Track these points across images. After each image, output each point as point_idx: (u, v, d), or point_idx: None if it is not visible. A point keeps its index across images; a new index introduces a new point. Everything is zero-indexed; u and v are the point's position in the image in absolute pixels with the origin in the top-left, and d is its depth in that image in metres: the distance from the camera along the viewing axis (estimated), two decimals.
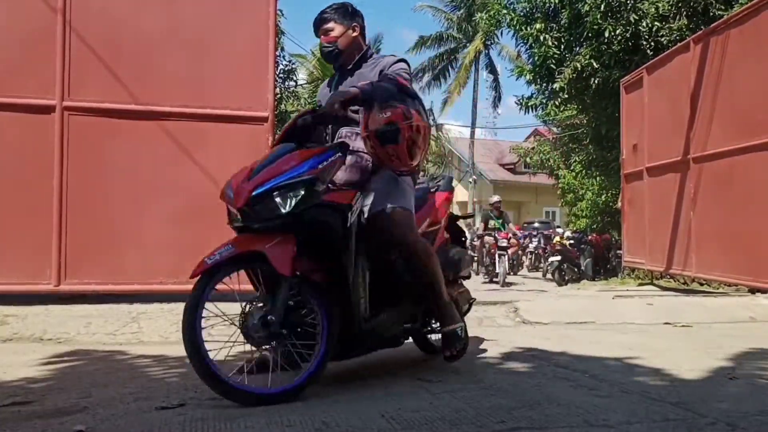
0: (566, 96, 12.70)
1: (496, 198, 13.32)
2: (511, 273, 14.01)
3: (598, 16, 11.21)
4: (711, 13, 10.55)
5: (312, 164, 2.60)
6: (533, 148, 24.37)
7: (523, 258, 18.24)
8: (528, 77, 13.21)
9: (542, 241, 17.69)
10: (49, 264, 5.21)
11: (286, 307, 2.60)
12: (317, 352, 2.65)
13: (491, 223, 13.08)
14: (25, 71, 5.25)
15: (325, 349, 2.65)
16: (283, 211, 2.52)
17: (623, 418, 2.24)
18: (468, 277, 3.62)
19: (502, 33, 14.91)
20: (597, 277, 13.91)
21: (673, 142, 7.80)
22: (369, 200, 2.85)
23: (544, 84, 13.05)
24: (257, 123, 5.58)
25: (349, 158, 2.87)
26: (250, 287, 2.83)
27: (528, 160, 25.24)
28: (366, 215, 2.81)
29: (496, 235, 12.55)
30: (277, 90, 13.10)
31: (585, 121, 15.41)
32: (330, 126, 3.08)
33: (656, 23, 10.91)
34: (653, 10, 10.88)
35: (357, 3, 3.31)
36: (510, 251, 12.73)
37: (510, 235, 12.78)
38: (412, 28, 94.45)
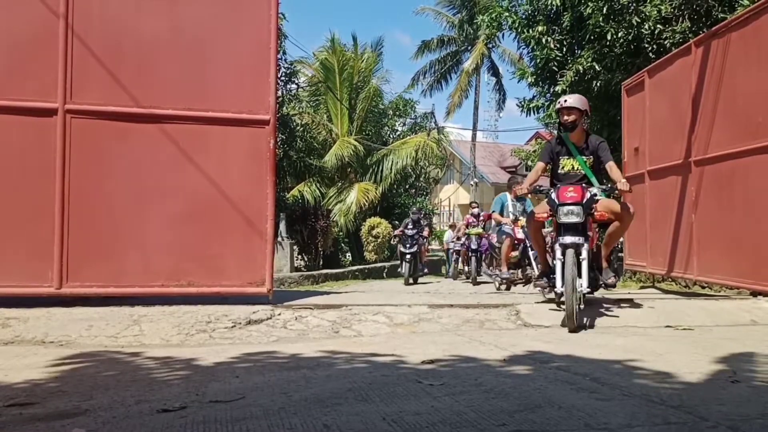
0: None
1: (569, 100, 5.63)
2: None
3: (600, 19, 11.21)
4: (713, 16, 10.55)
5: None
6: (535, 151, 24.33)
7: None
8: (529, 80, 13.21)
9: None
10: (51, 267, 5.22)
11: None
12: None
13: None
14: (27, 74, 5.26)
15: None
16: None
17: (624, 422, 2.24)
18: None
19: (503, 35, 14.84)
20: None
21: (674, 145, 7.79)
22: None
23: (546, 86, 13.05)
24: (259, 126, 5.59)
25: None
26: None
27: (529, 162, 25.20)
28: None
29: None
30: (279, 93, 13.11)
31: (587, 124, 15.39)
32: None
33: (658, 26, 10.90)
34: (655, 12, 10.88)
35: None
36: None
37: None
38: (406, 31, 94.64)
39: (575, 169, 5.54)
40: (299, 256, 18.31)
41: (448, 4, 34.89)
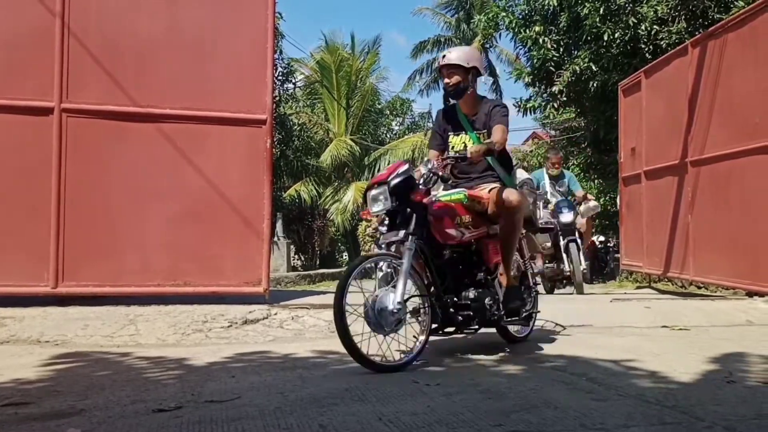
0: (565, 99, 12.71)
1: None
2: None
3: (597, 20, 11.22)
4: (710, 17, 10.57)
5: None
6: (531, 152, 24.38)
7: None
8: (526, 80, 13.22)
9: None
10: (47, 266, 5.20)
11: None
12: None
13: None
14: (23, 73, 5.25)
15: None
16: None
17: (620, 422, 2.24)
18: None
19: (500, 36, 14.86)
20: (594, 280, 13.91)
21: (670, 146, 7.80)
22: None
23: (543, 87, 13.07)
24: (256, 125, 5.58)
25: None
26: None
27: (526, 163, 25.24)
28: None
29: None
30: (276, 93, 13.08)
31: (583, 125, 15.42)
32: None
33: (655, 26, 10.92)
34: (652, 13, 10.90)
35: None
36: None
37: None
38: (404, 32, 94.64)
39: (467, 148, 3.95)
40: (296, 256, 18.30)
41: (446, 6, 34.94)
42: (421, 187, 3.54)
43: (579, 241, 8.13)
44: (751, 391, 2.76)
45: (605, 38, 11.21)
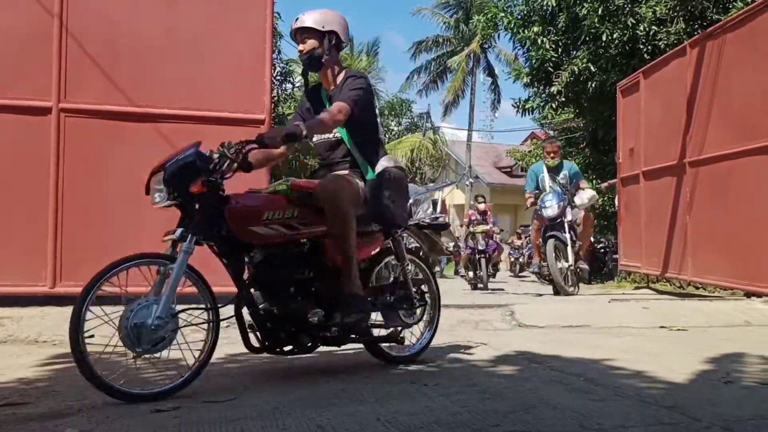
0: (563, 99, 12.73)
1: None
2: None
3: (596, 20, 11.24)
4: (708, 17, 10.59)
5: None
6: (530, 152, 24.38)
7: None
8: (525, 80, 13.24)
9: None
10: (45, 266, 5.20)
11: None
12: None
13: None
14: (21, 73, 5.24)
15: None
16: None
17: (618, 422, 2.24)
18: None
19: (499, 36, 14.89)
20: (593, 281, 13.91)
21: (669, 146, 7.80)
22: None
23: (541, 87, 13.10)
24: (254, 125, 5.57)
25: None
26: None
27: (524, 163, 25.25)
28: None
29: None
30: (274, 93, 13.09)
31: (582, 125, 15.43)
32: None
33: (653, 27, 10.95)
34: (651, 14, 10.92)
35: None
36: None
37: None
38: (403, 31, 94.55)
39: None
40: None
41: (445, 6, 35.01)
42: (214, 176, 3.03)
43: (566, 236, 7.64)
44: (748, 392, 2.77)
45: (604, 39, 11.23)
